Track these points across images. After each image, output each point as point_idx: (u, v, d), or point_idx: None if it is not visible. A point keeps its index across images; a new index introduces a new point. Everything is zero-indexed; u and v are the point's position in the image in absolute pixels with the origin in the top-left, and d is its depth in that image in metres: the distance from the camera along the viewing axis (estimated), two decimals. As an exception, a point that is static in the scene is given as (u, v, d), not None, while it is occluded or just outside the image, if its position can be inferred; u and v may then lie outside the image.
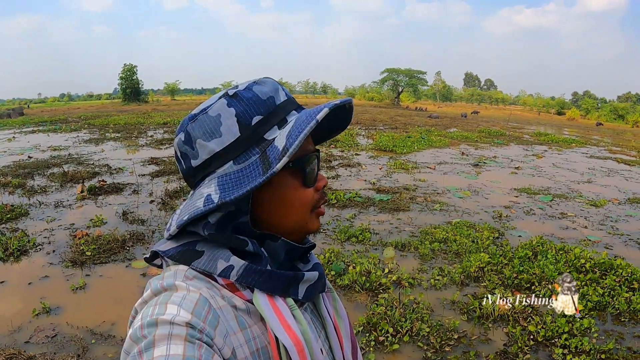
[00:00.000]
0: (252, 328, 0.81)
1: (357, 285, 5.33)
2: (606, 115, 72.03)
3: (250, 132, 0.83)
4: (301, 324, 0.83)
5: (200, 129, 0.84)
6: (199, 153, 0.85)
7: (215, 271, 0.81)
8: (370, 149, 17.39)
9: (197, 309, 0.73)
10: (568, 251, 6.33)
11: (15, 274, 5.78)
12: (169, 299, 0.74)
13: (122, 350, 0.72)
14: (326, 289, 1.01)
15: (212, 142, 0.83)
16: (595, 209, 9.72)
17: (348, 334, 1.02)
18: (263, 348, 0.81)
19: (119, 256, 6.24)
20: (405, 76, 79.85)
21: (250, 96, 0.85)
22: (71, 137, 20.32)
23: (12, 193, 9.55)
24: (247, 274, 0.82)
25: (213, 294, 0.79)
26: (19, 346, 4.16)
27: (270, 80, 0.90)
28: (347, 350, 0.99)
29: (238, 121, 0.83)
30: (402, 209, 8.84)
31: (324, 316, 0.97)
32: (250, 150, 0.83)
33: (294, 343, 0.79)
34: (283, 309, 0.83)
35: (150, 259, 0.94)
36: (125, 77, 67.85)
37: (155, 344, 0.67)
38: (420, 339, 4.37)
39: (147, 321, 0.70)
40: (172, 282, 0.78)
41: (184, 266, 0.83)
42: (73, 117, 33.69)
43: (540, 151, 19.60)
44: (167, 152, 15.81)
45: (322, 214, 0.96)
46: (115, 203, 8.95)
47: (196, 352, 0.67)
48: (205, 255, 0.83)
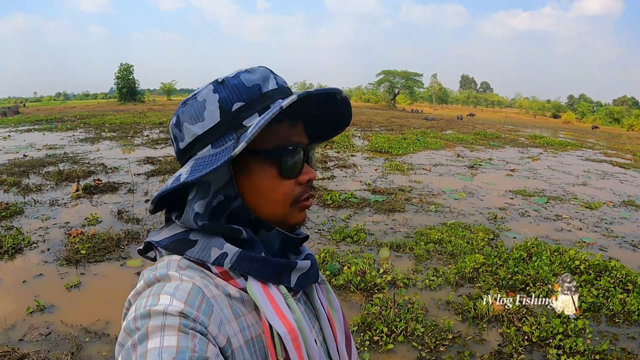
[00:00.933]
0: (246, 317, 0.81)
1: (352, 285, 5.33)
2: (602, 118, 72.18)
3: (230, 118, 0.84)
4: (295, 313, 0.83)
5: (188, 113, 0.87)
6: (184, 136, 0.88)
7: (209, 259, 0.82)
8: (366, 150, 17.38)
9: (190, 298, 0.73)
10: (563, 253, 6.34)
11: (9, 272, 5.76)
12: (161, 289, 0.74)
13: (117, 342, 0.72)
14: (319, 279, 1.00)
15: (195, 126, 0.86)
16: (590, 211, 9.75)
17: (342, 325, 1.02)
18: (257, 337, 0.81)
19: (113, 255, 6.22)
20: (401, 78, 79.69)
21: (235, 83, 0.86)
22: (67, 136, 20.25)
23: (7, 191, 9.52)
24: (241, 261, 0.82)
25: (207, 282, 0.79)
26: (13, 344, 4.15)
27: (262, 69, 0.90)
28: (340, 342, 0.99)
29: (220, 107, 0.84)
30: (397, 210, 8.85)
31: (317, 307, 0.97)
32: (227, 135, 0.84)
33: (288, 331, 0.79)
34: (277, 297, 0.83)
35: (144, 251, 0.94)
36: (121, 76, 67.55)
37: (149, 336, 0.67)
38: (414, 339, 4.38)
39: (140, 313, 0.70)
40: (165, 272, 0.78)
41: (177, 256, 0.83)
42: (69, 116, 33.53)
43: (535, 154, 19.63)
44: (162, 151, 15.79)
45: (306, 207, 0.94)
46: (111, 202, 8.93)
47: (190, 342, 0.67)
48: (198, 244, 0.83)
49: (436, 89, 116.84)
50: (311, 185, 0.96)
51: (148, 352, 0.65)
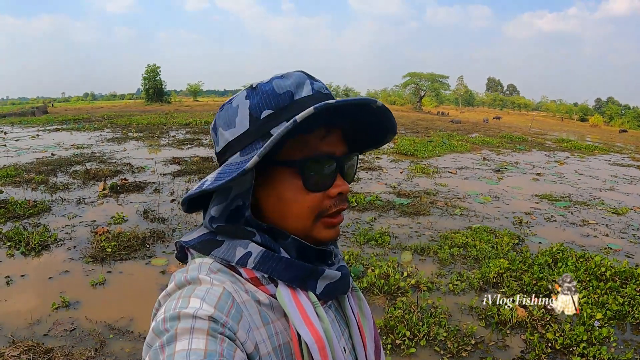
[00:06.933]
0: (275, 323, 0.81)
1: (376, 288, 5.31)
2: (630, 122, 71.06)
3: (258, 126, 0.82)
4: (323, 322, 0.82)
5: (223, 118, 0.88)
6: (219, 140, 0.89)
7: (233, 259, 0.82)
8: (392, 153, 17.32)
9: (220, 303, 0.73)
10: (588, 259, 6.24)
11: (36, 268, 5.85)
12: (192, 292, 0.74)
13: (144, 343, 0.72)
14: (351, 288, 0.99)
15: (227, 132, 0.86)
16: (617, 217, 9.58)
17: (372, 334, 1.01)
18: (285, 344, 0.81)
19: (139, 253, 6.29)
20: (427, 80, 79.48)
21: (267, 89, 0.83)
22: (94, 135, 20.55)
23: (35, 189, 9.68)
24: (265, 261, 0.82)
25: (237, 288, 0.79)
26: (38, 339, 4.21)
27: (298, 73, 0.87)
28: (370, 351, 0.97)
29: (250, 114, 0.83)
30: (422, 213, 8.80)
31: (348, 315, 0.96)
32: (255, 143, 0.82)
33: (315, 340, 0.78)
34: (306, 306, 0.82)
35: (180, 257, 0.93)
36: (148, 77, 68.41)
37: (177, 338, 0.67)
38: (437, 343, 4.34)
39: (169, 314, 0.71)
40: (196, 275, 0.78)
41: (209, 259, 0.83)
42: (96, 116, 34.04)
43: (562, 158, 19.37)
44: (189, 152, 15.93)
45: (331, 225, 0.90)
46: (137, 201, 9.04)
47: (218, 346, 0.67)
48: (225, 244, 0.84)
49: (462, 91, 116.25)
50: (344, 199, 0.90)
51: (176, 354, 0.65)
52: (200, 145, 17.88)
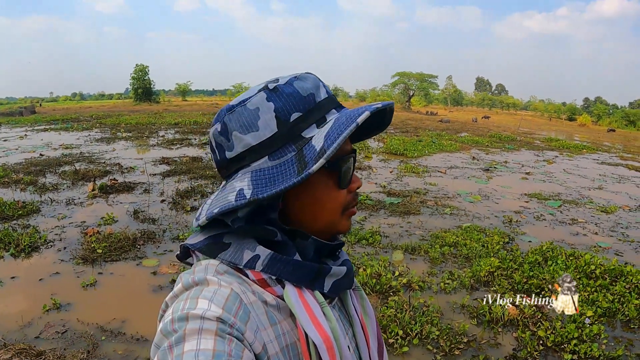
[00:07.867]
0: (282, 324, 0.81)
1: (368, 287, 5.32)
2: (618, 121, 71.33)
3: (288, 129, 0.82)
4: (330, 321, 0.83)
5: (238, 122, 0.84)
6: (234, 145, 0.85)
7: (241, 262, 0.81)
8: (381, 153, 17.37)
9: (228, 304, 0.73)
10: (578, 257, 6.29)
11: (26, 270, 5.82)
12: (200, 293, 0.74)
13: (152, 343, 0.72)
14: (353, 286, 1.00)
15: (248, 136, 0.83)
16: (606, 216, 9.67)
17: (375, 332, 1.02)
18: (292, 344, 0.81)
19: (129, 254, 6.26)
20: (416, 80, 79.36)
21: (291, 92, 0.84)
22: (83, 135, 20.44)
23: (23, 190, 9.63)
24: (273, 263, 0.81)
25: (244, 289, 0.79)
26: (29, 341, 4.19)
27: (312, 76, 0.89)
28: (373, 349, 0.98)
29: (276, 116, 0.82)
30: (412, 213, 8.83)
31: (351, 314, 0.96)
32: (286, 147, 0.82)
33: (323, 340, 0.79)
34: (313, 306, 0.82)
35: (181, 256, 0.93)
36: (137, 77, 67.98)
37: (185, 338, 0.67)
38: (429, 342, 4.36)
39: (177, 315, 0.71)
40: (204, 276, 0.78)
41: (215, 261, 0.83)
42: (85, 116, 33.82)
43: (551, 157, 19.51)
44: (178, 152, 15.89)
45: (353, 214, 0.95)
46: (126, 202, 9.00)
47: (226, 346, 0.68)
48: (232, 247, 0.83)
49: (451, 91, 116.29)
50: (357, 193, 0.96)
51: (184, 354, 0.65)
52: (190, 145, 17.84)
